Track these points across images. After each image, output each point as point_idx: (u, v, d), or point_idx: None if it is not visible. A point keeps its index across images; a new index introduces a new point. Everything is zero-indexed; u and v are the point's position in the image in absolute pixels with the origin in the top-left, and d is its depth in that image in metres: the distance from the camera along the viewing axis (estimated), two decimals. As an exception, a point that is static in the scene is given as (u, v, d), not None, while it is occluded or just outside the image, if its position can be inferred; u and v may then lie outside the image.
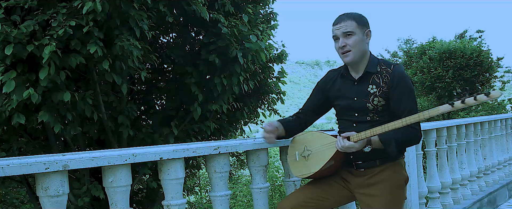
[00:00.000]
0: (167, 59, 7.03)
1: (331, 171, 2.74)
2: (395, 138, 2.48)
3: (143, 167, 6.12)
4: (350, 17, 2.59)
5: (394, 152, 2.49)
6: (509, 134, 7.10)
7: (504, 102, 17.34)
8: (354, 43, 2.56)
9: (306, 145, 2.77)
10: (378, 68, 2.61)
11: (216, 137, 7.67)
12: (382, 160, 2.64)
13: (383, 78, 2.58)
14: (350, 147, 2.46)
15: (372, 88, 2.58)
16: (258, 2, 7.18)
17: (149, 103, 7.39)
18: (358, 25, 2.57)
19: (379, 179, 2.64)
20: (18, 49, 4.52)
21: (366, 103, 2.58)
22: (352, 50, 2.56)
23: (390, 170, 2.66)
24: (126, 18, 5.16)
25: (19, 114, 4.79)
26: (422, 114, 2.29)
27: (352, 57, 2.58)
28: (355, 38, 2.56)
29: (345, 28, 2.56)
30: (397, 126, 2.36)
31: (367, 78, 2.62)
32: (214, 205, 2.87)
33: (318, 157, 2.68)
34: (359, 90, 2.62)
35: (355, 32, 2.56)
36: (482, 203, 5.47)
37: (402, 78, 2.56)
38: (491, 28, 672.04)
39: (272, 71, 7.76)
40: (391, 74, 2.57)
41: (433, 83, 16.84)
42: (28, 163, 2.08)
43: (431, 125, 4.69)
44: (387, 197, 2.63)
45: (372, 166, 2.65)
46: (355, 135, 2.47)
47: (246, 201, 13.42)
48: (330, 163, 2.63)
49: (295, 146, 2.86)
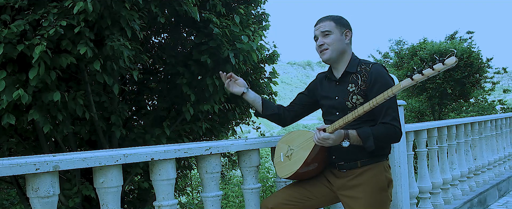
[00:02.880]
0: (158, 60, 7.01)
1: (315, 171, 2.74)
2: (373, 134, 2.50)
3: (134, 167, 6.10)
4: (329, 18, 2.72)
5: (372, 147, 2.50)
6: (499, 134, 7.15)
7: (494, 103, 17.47)
8: (331, 41, 2.68)
9: (289, 145, 2.79)
10: (358, 68, 2.69)
11: (207, 138, 7.66)
12: (363, 162, 2.66)
13: (361, 76, 2.65)
14: (326, 138, 2.46)
15: (351, 87, 2.66)
16: (249, 2, 7.18)
17: (141, 103, 7.36)
18: (336, 25, 2.69)
19: (361, 181, 2.66)
20: (8, 49, 4.48)
21: (346, 101, 2.65)
22: (329, 48, 2.69)
23: (371, 172, 2.67)
24: (118, 18, 5.14)
25: (9, 115, 4.75)
26: (386, 93, 2.29)
27: (328, 55, 2.70)
28: (333, 37, 2.68)
29: (323, 27, 2.69)
30: (365, 109, 2.36)
31: (347, 77, 2.70)
32: (205, 205, 2.87)
33: (299, 155, 2.68)
34: (340, 89, 2.71)
35: (333, 32, 2.68)
36: (473, 203, 5.50)
37: (380, 75, 2.62)
38: (481, 29, 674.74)
39: (264, 72, 7.76)
40: (369, 72, 2.64)
41: (423, 84, 16.92)
42: (18, 164, 2.06)
43: (421, 125, 4.72)
44: (368, 200, 2.63)
45: (353, 167, 2.68)
46: (330, 126, 2.48)
47: (237, 202, 13.42)
48: (310, 159, 2.62)
49: (280, 147, 2.87)
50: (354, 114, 2.40)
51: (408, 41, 38.28)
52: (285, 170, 2.77)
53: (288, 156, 2.77)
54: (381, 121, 2.56)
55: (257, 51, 6.45)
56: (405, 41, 19.34)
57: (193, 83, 6.51)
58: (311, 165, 2.66)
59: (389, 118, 2.55)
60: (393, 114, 2.58)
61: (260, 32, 6.87)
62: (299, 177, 2.78)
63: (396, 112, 2.61)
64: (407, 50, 18.60)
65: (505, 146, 7.42)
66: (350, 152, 2.63)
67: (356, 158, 2.66)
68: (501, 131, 7.26)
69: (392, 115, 2.57)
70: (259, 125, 8.71)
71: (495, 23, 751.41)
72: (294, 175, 2.71)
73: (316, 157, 2.64)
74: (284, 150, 2.82)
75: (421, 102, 17.47)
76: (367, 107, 2.35)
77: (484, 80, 17.61)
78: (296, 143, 2.73)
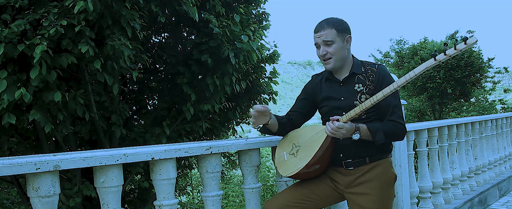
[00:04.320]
0: (159, 59, 7.01)
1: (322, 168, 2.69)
2: (383, 129, 2.54)
3: (135, 167, 6.10)
4: (330, 24, 2.66)
5: (382, 140, 2.53)
6: (499, 134, 7.15)
7: (495, 102, 17.46)
8: (335, 50, 2.66)
9: (293, 142, 2.75)
10: (362, 68, 2.71)
11: (208, 137, 7.66)
12: (371, 158, 2.68)
13: (368, 76, 2.67)
14: (340, 127, 2.44)
15: (359, 87, 2.67)
16: (250, 2, 7.17)
17: (141, 103, 7.36)
18: (338, 33, 2.65)
19: (369, 177, 2.67)
20: (9, 49, 4.48)
21: (354, 101, 2.64)
22: (332, 57, 2.67)
23: (379, 168, 2.69)
24: (118, 17, 5.14)
25: (10, 114, 4.75)
26: (408, 75, 2.33)
27: (332, 64, 2.69)
28: (335, 46, 2.65)
29: (325, 37, 2.64)
30: (379, 97, 2.40)
31: (352, 78, 2.71)
32: (206, 205, 2.87)
33: (308, 149, 2.64)
34: (346, 90, 2.71)
35: (335, 41, 2.65)
36: (473, 202, 5.50)
37: (387, 76, 2.68)
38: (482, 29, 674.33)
39: (264, 71, 7.76)
40: (377, 72, 2.67)
41: (424, 83, 16.93)
42: (19, 163, 2.06)
43: (422, 125, 4.72)
44: (377, 195, 2.65)
45: (362, 164, 2.68)
46: (345, 115, 2.50)
47: (238, 201, 13.42)
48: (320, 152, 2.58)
49: (282, 147, 2.83)
50: (371, 100, 2.42)
51: (408, 40, 38.16)
52: (290, 167, 2.70)
53: (293, 154, 2.72)
54: (389, 118, 2.60)
55: (258, 51, 6.45)
56: (405, 41, 19.36)
57: (194, 83, 6.51)
58: (320, 161, 2.62)
59: (396, 116, 2.60)
60: (399, 112, 2.63)
61: (261, 32, 6.87)
62: (305, 176, 2.71)
63: (401, 111, 2.68)
64: (407, 50, 18.61)
65: (505, 146, 7.43)
66: (358, 149, 2.64)
67: (364, 155, 2.67)
68: (501, 131, 7.26)
69: (398, 114, 2.62)
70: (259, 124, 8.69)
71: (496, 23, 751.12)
72: (301, 171, 2.63)
73: (326, 151, 2.61)
74: (287, 148, 2.77)
75: (422, 102, 17.47)
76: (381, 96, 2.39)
77: (484, 79, 17.61)
78: (303, 139, 2.70)
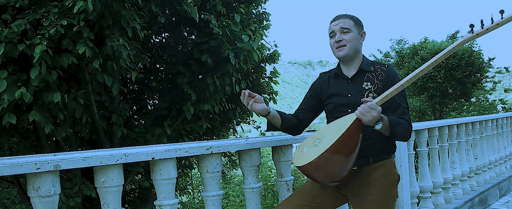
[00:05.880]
0: (159, 59, 7.01)
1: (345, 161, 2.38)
2: (401, 124, 2.51)
3: (135, 167, 6.10)
4: (348, 16, 2.73)
5: (402, 133, 2.50)
6: (499, 134, 7.15)
7: (495, 102, 17.45)
8: (350, 38, 2.67)
9: (316, 137, 2.55)
10: (371, 67, 2.71)
11: (208, 137, 7.67)
12: (375, 158, 2.65)
13: (377, 76, 2.67)
14: (373, 108, 2.31)
15: (367, 85, 2.66)
16: (250, 2, 7.18)
17: (141, 103, 7.37)
18: (355, 24, 2.70)
19: (374, 177, 2.64)
20: (9, 49, 4.49)
21: (361, 98, 2.61)
22: (347, 44, 2.67)
23: (384, 168, 2.67)
24: (118, 17, 5.14)
25: (10, 114, 4.75)
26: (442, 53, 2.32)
27: (346, 51, 2.68)
28: (351, 34, 2.68)
29: (343, 24, 2.68)
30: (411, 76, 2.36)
31: (361, 76, 2.70)
32: (206, 205, 2.86)
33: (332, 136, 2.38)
34: (353, 87, 2.69)
35: (352, 30, 2.68)
36: (473, 202, 5.50)
37: (396, 76, 2.67)
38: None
39: (264, 71, 7.77)
40: (386, 72, 2.67)
41: (425, 83, 16.92)
42: (19, 163, 2.06)
43: (422, 125, 4.71)
44: (381, 196, 2.62)
45: (365, 164, 2.65)
46: (377, 98, 2.40)
47: (238, 201, 13.42)
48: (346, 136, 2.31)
49: (303, 144, 2.60)
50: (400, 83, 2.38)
51: (409, 40, 38.17)
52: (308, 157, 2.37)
53: (315, 145, 2.45)
54: (400, 117, 2.58)
55: (258, 51, 6.46)
56: (406, 41, 19.33)
57: (194, 83, 6.51)
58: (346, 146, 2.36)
59: (406, 116, 2.60)
60: (408, 113, 2.64)
61: (261, 32, 6.87)
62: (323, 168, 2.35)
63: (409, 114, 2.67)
64: (408, 50, 18.59)
65: (506, 146, 7.42)
66: (361, 149, 2.58)
67: (367, 155, 2.64)
68: (502, 131, 7.25)
69: (408, 114, 2.63)
70: (259, 124, 8.71)
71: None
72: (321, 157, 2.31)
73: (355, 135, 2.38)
74: (309, 144, 2.53)
75: (422, 102, 17.45)
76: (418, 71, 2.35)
77: (485, 79, 17.60)
78: (327, 130, 2.52)
